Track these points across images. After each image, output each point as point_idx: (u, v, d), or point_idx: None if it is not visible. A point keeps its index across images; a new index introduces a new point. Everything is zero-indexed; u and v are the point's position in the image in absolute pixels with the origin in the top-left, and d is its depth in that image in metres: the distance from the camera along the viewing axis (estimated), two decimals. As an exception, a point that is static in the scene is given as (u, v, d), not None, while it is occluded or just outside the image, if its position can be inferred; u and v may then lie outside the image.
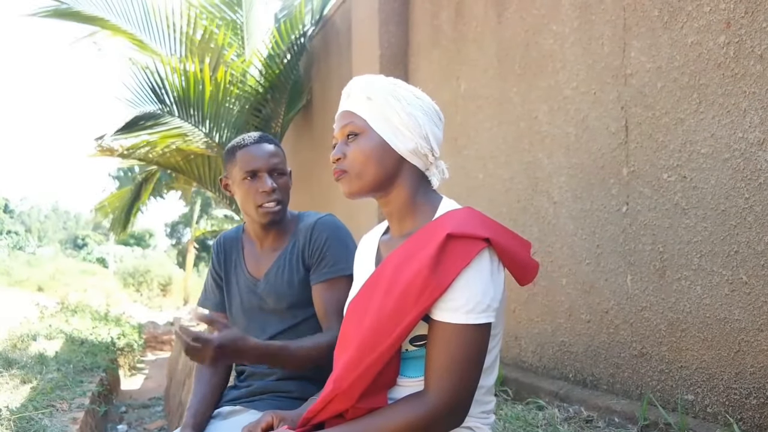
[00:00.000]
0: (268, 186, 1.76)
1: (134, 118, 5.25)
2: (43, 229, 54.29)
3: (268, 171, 1.78)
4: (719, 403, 1.94)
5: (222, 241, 1.95)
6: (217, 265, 1.93)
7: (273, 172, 1.79)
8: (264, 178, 1.77)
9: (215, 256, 1.94)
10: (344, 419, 1.24)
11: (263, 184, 1.76)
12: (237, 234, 1.95)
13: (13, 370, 3.88)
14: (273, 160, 1.79)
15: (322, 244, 1.78)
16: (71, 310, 8.58)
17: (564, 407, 2.35)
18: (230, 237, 1.95)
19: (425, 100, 1.31)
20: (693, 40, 2.03)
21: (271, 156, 1.79)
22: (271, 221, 1.79)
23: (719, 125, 1.93)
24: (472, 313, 1.16)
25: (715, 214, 1.94)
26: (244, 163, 1.78)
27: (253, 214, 1.79)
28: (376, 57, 4.09)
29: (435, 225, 1.24)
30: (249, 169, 1.77)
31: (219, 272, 1.93)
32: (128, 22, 5.89)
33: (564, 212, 2.64)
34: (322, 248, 1.77)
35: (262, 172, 1.77)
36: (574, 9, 2.58)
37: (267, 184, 1.76)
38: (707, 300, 1.97)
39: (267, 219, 1.78)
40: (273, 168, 1.79)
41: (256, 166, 1.77)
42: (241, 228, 1.96)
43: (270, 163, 1.78)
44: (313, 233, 1.79)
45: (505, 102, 3.05)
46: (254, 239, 1.89)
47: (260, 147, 1.80)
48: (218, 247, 1.95)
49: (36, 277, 17.03)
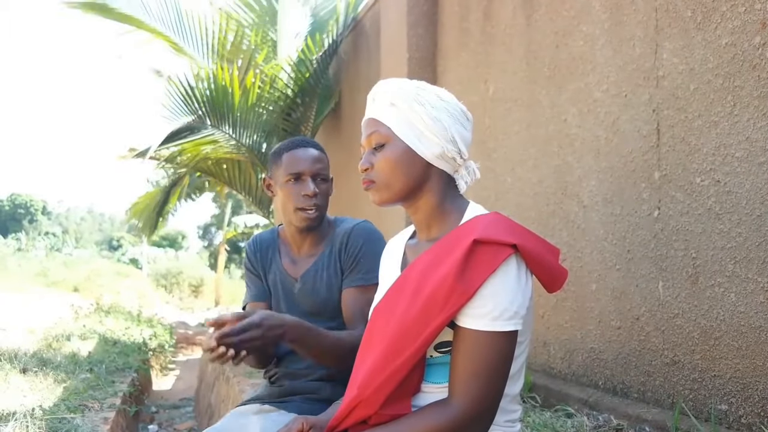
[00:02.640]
0: (310, 190, 1.78)
1: (171, 132, 5.32)
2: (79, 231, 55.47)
3: (311, 175, 1.80)
4: (754, 413, 1.89)
5: (258, 241, 1.96)
6: (255, 262, 1.94)
7: (316, 177, 1.81)
8: (307, 182, 1.79)
9: (252, 255, 1.94)
10: (368, 425, 1.24)
11: (306, 188, 1.78)
12: (272, 235, 1.96)
13: (47, 369, 3.96)
14: (317, 165, 1.82)
15: (357, 250, 1.80)
16: (105, 311, 8.74)
17: (593, 415, 2.31)
18: (266, 238, 1.96)
19: (451, 102, 1.29)
20: (727, 41, 1.98)
21: (315, 161, 1.82)
22: (308, 227, 1.82)
23: (754, 128, 1.88)
24: (498, 320, 1.15)
25: (750, 219, 1.90)
26: (289, 166, 1.80)
27: (292, 217, 1.82)
28: (404, 60, 4.08)
29: (462, 230, 1.22)
30: (293, 171, 1.79)
31: (257, 268, 1.93)
32: (163, 23, 5.96)
33: (594, 216, 2.60)
34: (357, 255, 1.80)
35: (306, 175, 1.80)
36: (604, 10, 2.54)
37: (309, 187, 1.78)
38: (742, 307, 1.92)
39: (304, 224, 1.81)
40: (317, 173, 1.81)
41: (301, 168, 1.79)
42: (276, 231, 1.98)
43: (314, 167, 1.81)
44: (350, 239, 1.82)
45: (534, 105, 3.01)
46: (290, 243, 1.91)
47: (306, 151, 1.82)
48: (254, 246, 1.95)
49: (72, 278, 17.35)
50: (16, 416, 2.67)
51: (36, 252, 25.86)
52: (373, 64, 5.18)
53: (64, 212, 63.13)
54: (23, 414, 2.70)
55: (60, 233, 45.58)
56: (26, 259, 19.96)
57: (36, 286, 15.09)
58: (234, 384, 3.65)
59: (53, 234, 43.75)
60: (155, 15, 5.91)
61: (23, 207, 54.32)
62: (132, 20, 5.91)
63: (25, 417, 2.67)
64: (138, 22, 5.93)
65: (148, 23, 5.92)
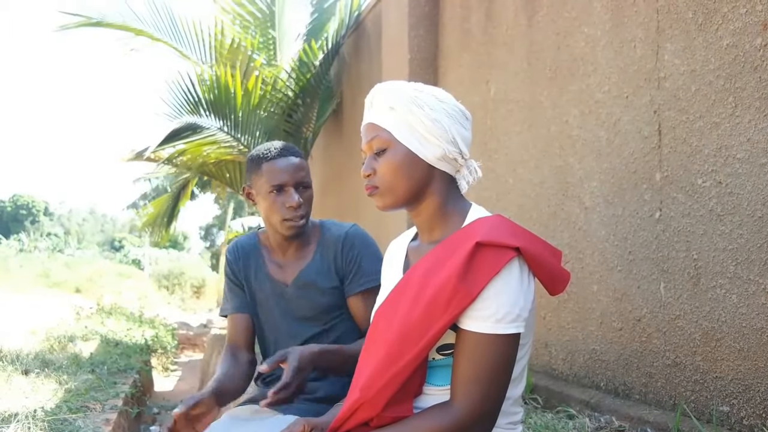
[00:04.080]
0: (294, 201, 1.76)
1: (172, 131, 5.33)
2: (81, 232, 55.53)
3: (294, 185, 1.78)
4: (756, 415, 1.89)
5: (239, 248, 1.92)
6: (236, 270, 1.90)
7: (299, 186, 1.80)
8: (290, 193, 1.77)
9: (233, 263, 1.91)
10: (370, 428, 1.24)
11: (290, 199, 1.76)
12: (252, 241, 1.93)
13: (49, 371, 3.96)
14: (299, 174, 1.79)
15: (356, 255, 1.81)
16: (107, 312, 8.74)
17: (595, 416, 2.31)
18: (246, 244, 1.93)
19: (449, 102, 1.29)
20: (728, 43, 1.98)
21: (297, 170, 1.79)
22: (295, 234, 1.81)
23: (756, 129, 1.88)
24: (501, 322, 1.15)
25: (752, 220, 1.90)
26: (270, 177, 1.77)
27: (278, 227, 1.80)
28: (405, 61, 4.09)
29: (464, 233, 1.22)
30: (276, 183, 1.77)
31: (239, 277, 1.90)
32: (158, 30, 5.97)
33: (595, 218, 2.60)
34: (356, 259, 1.80)
35: (289, 186, 1.78)
36: (606, 11, 2.54)
37: (294, 199, 1.76)
38: (743, 309, 1.92)
39: (291, 232, 1.80)
40: (299, 182, 1.79)
41: (283, 180, 1.77)
42: (255, 235, 1.94)
43: (296, 177, 1.79)
44: (344, 245, 1.82)
45: (535, 106, 3.02)
46: (275, 248, 1.89)
47: (287, 160, 1.80)
48: (235, 253, 1.92)
49: (74, 279, 17.36)
50: (18, 417, 2.68)
51: (38, 253, 25.89)
52: (375, 65, 5.18)
53: (66, 213, 63.20)
54: (25, 415, 2.71)
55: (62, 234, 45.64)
56: (28, 260, 19.97)
57: (38, 286, 15.11)
58: (236, 385, 3.64)
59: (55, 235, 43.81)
60: (151, 24, 5.92)
61: (25, 208, 54.42)
62: (129, 29, 5.94)
63: (27, 418, 2.68)
64: (136, 30, 5.95)
65: (146, 31, 5.94)
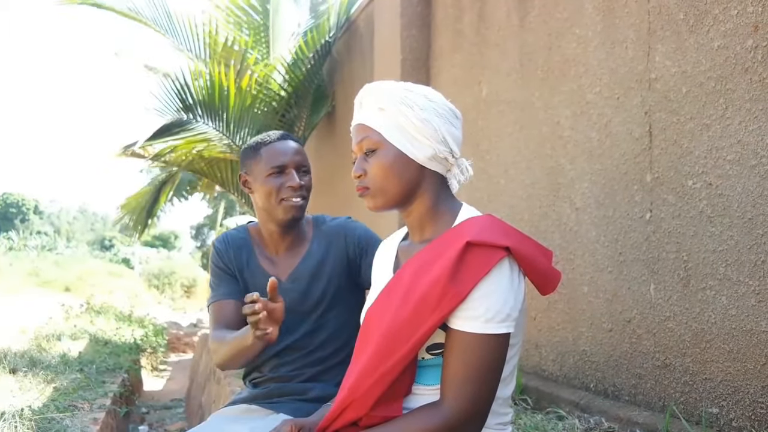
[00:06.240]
0: (295, 182, 1.74)
1: (162, 126, 5.29)
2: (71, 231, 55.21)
3: (295, 167, 1.76)
4: (745, 417, 1.89)
5: (229, 239, 1.86)
6: (227, 261, 1.83)
7: (299, 169, 1.78)
8: (291, 174, 1.75)
9: (224, 253, 1.84)
10: (358, 428, 1.23)
11: (291, 179, 1.74)
12: (243, 234, 1.87)
13: (37, 369, 3.93)
14: (299, 157, 1.78)
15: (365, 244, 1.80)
16: (96, 311, 8.69)
17: (584, 418, 2.31)
18: (237, 236, 1.87)
19: (439, 102, 1.29)
20: (719, 44, 1.99)
21: (297, 153, 1.78)
22: (293, 218, 1.76)
23: (746, 131, 1.89)
24: (491, 322, 1.15)
25: (742, 222, 1.90)
26: (271, 159, 1.75)
27: (275, 210, 1.75)
28: (398, 61, 4.08)
29: (455, 232, 1.22)
30: (276, 164, 1.74)
31: (230, 266, 1.83)
32: (155, 23, 5.95)
33: (586, 219, 2.60)
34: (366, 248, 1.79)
35: (290, 168, 1.75)
36: (597, 12, 2.55)
37: (295, 179, 1.74)
38: (733, 311, 1.93)
39: (290, 214, 1.74)
40: (300, 165, 1.78)
41: (284, 161, 1.75)
42: (245, 229, 1.89)
43: (297, 159, 1.77)
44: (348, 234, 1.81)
45: (527, 107, 3.02)
46: (267, 242, 1.84)
47: (286, 143, 1.78)
48: (226, 244, 1.85)
49: (64, 277, 17.23)
50: (4, 416, 2.65)
51: (28, 251, 25.70)
52: (367, 65, 5.18)
53: (56, 212, 62.84)
54: (12, 414, 2.68)
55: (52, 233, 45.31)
56: (18, 259, 19.81)
57: (27, 285, 15.00)
58: (225, 385, 3.63)
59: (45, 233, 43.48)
60: (147, 16, 5.90)
61: (15, 206, 54.04)
62: (125, 14, 5.91)
63: (14, 417, 2.65)
64: (132, 16, 5.92)
65: (141, 19, 5.92)
